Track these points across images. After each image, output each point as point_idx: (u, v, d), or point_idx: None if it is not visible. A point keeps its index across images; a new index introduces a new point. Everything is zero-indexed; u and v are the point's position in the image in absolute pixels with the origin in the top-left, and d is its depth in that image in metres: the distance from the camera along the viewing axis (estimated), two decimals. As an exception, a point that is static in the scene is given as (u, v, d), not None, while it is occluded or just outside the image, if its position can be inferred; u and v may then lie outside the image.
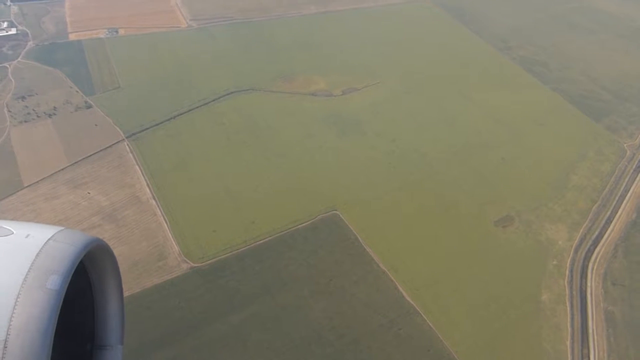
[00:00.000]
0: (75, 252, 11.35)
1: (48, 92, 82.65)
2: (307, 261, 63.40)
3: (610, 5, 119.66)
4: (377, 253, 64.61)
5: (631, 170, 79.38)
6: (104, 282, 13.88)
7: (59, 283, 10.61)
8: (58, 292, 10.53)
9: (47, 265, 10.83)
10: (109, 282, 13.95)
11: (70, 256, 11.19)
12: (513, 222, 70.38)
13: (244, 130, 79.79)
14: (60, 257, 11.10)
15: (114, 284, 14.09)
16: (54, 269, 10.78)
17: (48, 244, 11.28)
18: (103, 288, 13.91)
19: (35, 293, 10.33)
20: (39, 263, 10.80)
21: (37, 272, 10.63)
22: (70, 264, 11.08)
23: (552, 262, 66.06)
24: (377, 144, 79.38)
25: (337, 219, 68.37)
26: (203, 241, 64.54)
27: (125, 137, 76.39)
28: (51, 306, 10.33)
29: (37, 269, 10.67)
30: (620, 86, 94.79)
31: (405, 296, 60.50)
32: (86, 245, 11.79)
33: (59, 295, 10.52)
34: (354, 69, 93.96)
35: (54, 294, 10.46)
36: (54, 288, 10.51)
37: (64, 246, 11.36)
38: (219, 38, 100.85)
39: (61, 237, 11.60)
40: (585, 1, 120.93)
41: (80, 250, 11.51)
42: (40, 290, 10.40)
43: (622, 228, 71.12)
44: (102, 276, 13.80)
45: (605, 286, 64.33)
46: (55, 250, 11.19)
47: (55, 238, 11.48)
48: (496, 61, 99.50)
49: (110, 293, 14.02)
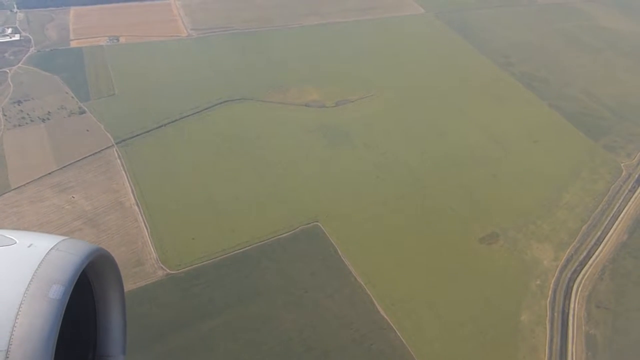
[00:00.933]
0: (78, 261, 11.31)
1: (44, 97, 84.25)
2: (284, 272, 62.96)
3: (617, 23, 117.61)
4: (355, 266, 63.88)
5: (626, 190, 77.38)
6: (106, 292, 13.78)
7: (61, 293, 10.58)
8: (60, 301, 10.49)
9: (50, 274, 10.79)
10: (111, 291, 13.85)
11: (73, 266, 11.14)
12: (498, 240, 68.99)
13: (233, 139, 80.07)
14: (62, 266, 11.06)
15: (116, 294, 13.97)
16: (57, 279, 10.73)
17: (51, 253, 11.23)
18: (105, 298, 13.82)
19: (38, 303, 10.28)
20: (42, 272, 10.75)
21: (39, 281, 10.58)
22: (73, 273, 11.02)
23: (535, 281, 64.49)
24: (366, 156, 78.89)
25: (318, 231, 67.88)
26: (182, 248, 64.60)
27: (114, 143, 77.27)
28: (53, 316, 10.28)
29: (40, 278, 10.63)
30: (621, 105, 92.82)
31: (380, 311, 59.58)
32: (89, 254, 11.70)
33: (61, 305, 10.48)
34: (350, 81, 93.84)
35: (57, 304, 10.41)
36: (57, 298, 10.48)
37: (66, 255, 11.31)
38: (217, 47, 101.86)
39: (64, 247, 11.55)
40: (592, 19, 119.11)
41: (83, 259, 11.44)
42: (43, 300, 10.36)
43: (611, 249, 69.15)
44: (104, 286, 13.70)
45: (589, 309, 62.46)
46: (58, 259, 11.15)
47: (58, 247, 11.43)
48: (495, 76, 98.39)
49: (112, 303, 13.93)
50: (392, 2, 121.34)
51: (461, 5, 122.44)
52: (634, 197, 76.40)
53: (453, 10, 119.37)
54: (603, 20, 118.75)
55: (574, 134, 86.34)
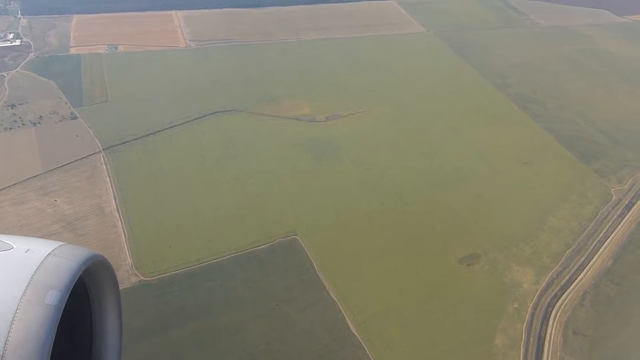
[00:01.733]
0: (74, 267, 11.28)
1: (38, 102, 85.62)
2: (257, 284, 62.55)
3: (619, 47, 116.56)
4: (330, 281, 63.27)
5: (615, 215, 75.99)
6: (102, 298, 13.78)
7: (57, 298, 10.46)
8: (57, 307, 10.35)
9: (46, 280, 10.70)
10: (107, 298, 13.87)
11: (69, 272, 11.09)
12: (479, 261, 67.93)
13: (220, 149, 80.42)
14: (59, 272, 10.97)
15: (112, 301, 14.03)
16: (53, 285, 10.65)
17: (48, 259, 11.17)
18: (102, 304, 13.79)
19: (34, 308, 10.14)
20: (38, 278, 10.66)
21: (36, 287, 10.49)
22: (70, 279, 10.96)
23: (513, 305, 63.25)
24: (351, 171, 78.63)
25: (296, 244, 67.49)
26: (158, 256, 64.61)
27: (102, 149, 78.01)
28: (49, 322, 10.11)
29: (36, 284, 10.54)
30: (617, 130, 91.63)
31: (350, 327, 58.76)
32: (86, 260, 11.74)
33: (57, 310, 10.34)
34: (343, 96, 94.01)
35: (53, 310, 10.27)
36: (53, 303, 10.35)
37: (63, 261, 11.27)
38: (213, 59, 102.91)
39: (61, 252, 11.52)
40: (594, 43, 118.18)
41: (80, 265, 11.44)
42: (39, 305, 10.22)
43: (594, 275, 67.71)
44: (101, 292, 13.72)
45: (566, 335, 60.99)
46: (54, 265, 11.08)
47: (55, 253, 11.40)
48: (490, 96, 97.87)
49: (108, 309, 13.93)
50: (394, 19, 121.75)
51: (462, 25, 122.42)
52: (622, 223, 74.98)
53: (454, 30, 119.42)
54: (605, 44, 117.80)
55: (565, 157, 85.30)
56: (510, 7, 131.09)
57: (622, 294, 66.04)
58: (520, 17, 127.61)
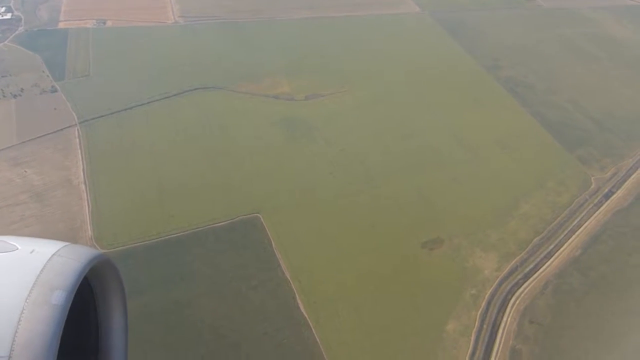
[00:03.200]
0: (79, 267, 11.34)
1: (21, 75, 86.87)
2: (213, 260, 62.90)
3: (627, 33, 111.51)
4: (286, 261, 63.21)
5: (591, 205, 73.77)
6: (108, 298, 13.91)
7: (63, 298, 10.58)
8: (62, 307, 10.49)
9: (52, 280, 10.82)
10: (113, 297, 13.98)
11: (74, 271, 11.18)
12: (442, 246, 66.93)
13: (195, 126, 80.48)
14: (64, 272, 11.08)
15: (118, 300, 14.10)
16: (59, 285, 10.76)
17: (52, 259, 11.28)
18: (107, 303, 13.93)
19: (40, 309, 10.28)
20: (44, 278, 10.79)
21: (41, 287, 10.60)
22: (75, 279, 11.07)
23: (470, 291, 62.28)
24: (324, 151, 77.87)
25: (257, 222, 67.47)
26: (119, 229, 65.38)
27: (78, 122, 78.85)
28: (55, 322, 10.25)
29: (42, 284, 10.65)
30: (607, 117, 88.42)
31: (300, 307, 58.79)
32: (91, 260, 11.79)
33: (63, 310, 10.48)
34: (325, 75, 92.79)
35: (59, 310, 10.40)
36: (59, 303, 10.46)
37: (68, 261, 11.37)
38: (199, 36, 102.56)
39: (66, 252, 11.62)
40: (598, 27, 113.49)
41: (85, 265, 11.51)
42: (45, 305, 10.35)
43: (560, 264, 66.08)
44: (106, 291, 13.85)
45: (521, 323, 59.89)
46: (60, 265, 11.18)
47: (59, 253, 11.50)
48: (478, 79, 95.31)
49: (114, 308, 14.02)
50: None
51: (460, 6, 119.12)
52: (597, 213, 72.80)
53: (450, 11, 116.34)
54: (610, 28, 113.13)
55: (548, 143, 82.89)
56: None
57: (586, 284, 64.34)
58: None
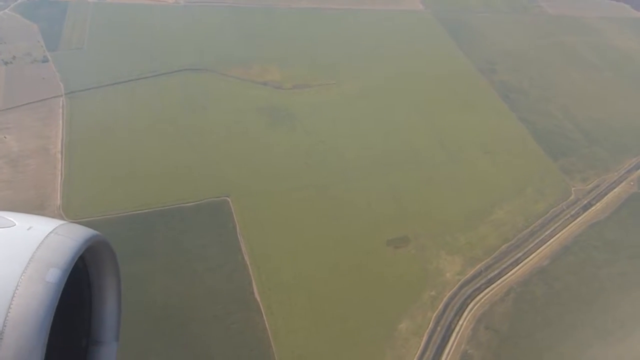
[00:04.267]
0: (76, 246, 11.34)
1: (15, 43, 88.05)
2: (175, 239, 63.30)
3: (631, 45, 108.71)
4: (248, 246, 63.37)
5: (567, 215, 72.52)
6: (102, 278, 13.86)
7: (58, 276, 10.54)
8: (57, 285, 10.45)
9: (48, 258, 10.80)
10: (108, 278, 13.94)
11: (71, 250, 11.17)
12: (407, 245, 66.42)
13: (177, 106, 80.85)
14: (61, 250, 11.08)
15: (112, 281, 14.06)
16: (54, 262, 10.72)
17: (49, 237, 11.29)
18: (101, 284, 13.87)
19: (34, 285, 10.24)
20: (40, 255, 10.77)
21: (37, 264, 10.57)
22: (71, 257, 11.04)
23: (429, 292, 61.80)
24: (302, 141, 77.68)
25: (225, 206, 67.67)
26: (87, 201, 66.13)
27: (64, 93, 79.69)
28: (49, 299, 10.21)
29: (38, 261, 10.63)
30: (598, 128, 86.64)
31: (255, 293, 58.96)
32: (87, 239, 11.78)
33: (57, 288, 10.43)
34: (317, 67, 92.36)
35: (53, 287, 10.36)
36: (53, 281, 10.42)
37: (65, 240, 11.37)
38: (197, 18, 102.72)
39: (63, 231, 11.64)
40: (603, 36, 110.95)
41: (82, 244, 11.50)
42: (40, 283, 10.31)
43: (525, 273, 65.20)
44: (101, 272, 13.79)
45: (477, 328, 59.34)
46: (56, 243, 11.19)
47: (57, 231, 11.52)
48: (471, 82, 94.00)
49: (108, 289, 13.97)
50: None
51: (465, 7, 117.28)
52: (572, 224, 71.55)
53: (454, 11, 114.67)
54: (615, 39, 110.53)
55: (533, 150, 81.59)
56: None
57: (549, 294, 63.41)
58: (529, 4, 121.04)
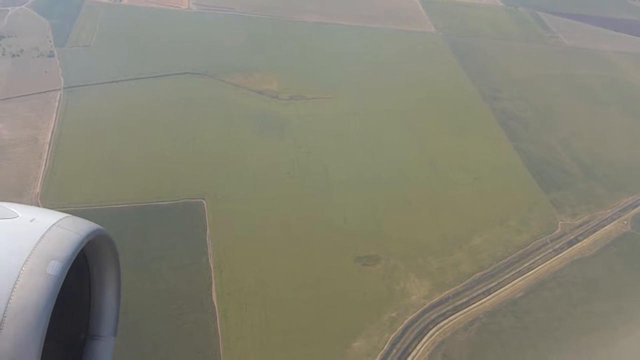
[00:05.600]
0: (78, 239, 11.39)
1: (26, 37, 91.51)
2: (144, 236, 63.70)
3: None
4: (215, 249, 63.33)
5: (550, 250, 70.00)
6: (102, 273, 13.88)
7: (59, 269, 10.55)
8: (57, 278, 10.48)
9: (49, 250, 10.85)
10: (108, 273, 13.98)
11: (72, 243, 11.22)
12: (377, 264, 65.15)
13: (171, 108, 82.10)
14: (62, 243, 11.13)
15: (112, 276, 14.12)
16: (55, 255, 10.76)
17: (52, 229, 11.34)
18: (101, 278, 13.90)
19: (35, 277, 10.29)
20: (41, 248, 10.83)
21: (38, 256, 10.61)
22: (72, 251, 11.09)
23: (390, 313, 60.26)
24: (289, 151, 77.65)
25: (199, 208, 67.92)
26: (66, 191, 67.48)
27: (63, 87, 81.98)
28: (49, 292, 10.23)
29: (39, 253, 10.69)
30: (597, 164, 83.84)
31: (213, 296, 58.71)
32: (89, 233, 11.80)
33: (58, 281, 10.47)
34: (316, 80, 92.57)
35: (54, 280, 10.39)
36: (54, 274, 10.43)
37: (67, 233, 11.43)
38: (208, 24, 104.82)
39: (65, 224, 11.69)
40: (618, 72, 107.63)
41: (83, 238, 11.53)
42: (40, 275, 10.34)
43: (495, 304, 63.01)
44: (101, 266, 13.83)
45: (433, 355, 57.42)
46: (58, 236, 11.26)
47: (59, 224, 11.57)
48: (471, 107, 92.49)
49: (108, 284, 14.04)
50: (407, 15, 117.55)
51: (478, 32, 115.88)
52: (553, 259, 68.94)
53: (466, 35, 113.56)
54: (629, 75, 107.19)
55: (525, 180, 79.46)
56: (540, 22, 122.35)
57: (517, 327, 61.04)
58: (545, 34, 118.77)
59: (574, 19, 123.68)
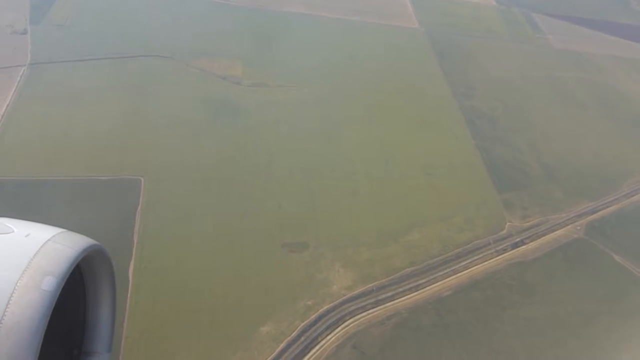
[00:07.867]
0: (73, 255, 11.74)
1: (2, 14, 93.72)
2: (72, 209, 63.53)
3: (632, 85, 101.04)
4: (143, 226, 63.07)
5: (491, 250, 67.48)
6: (97, 288, 14.48)
7: (53, 285, 10.73)
8: (52, 293, 10.62)
9: (44, 266, 11.00)
10: (103, 288, 14.61)
11: (67, 259, 11.49)
12: (303, 251, 63.88)
13: (129, 88, 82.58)
14: (57, 258, 11.34)
15: (107, 291, 14.75)
16: (50, 271, 10.92)
17: (47, 244, 11.62)
18: (96, 293, 14.45)
19: (30, 293, 10.37)
20: (36, 263, 10.98)
21: (33, 272, 10.74)
22: (67, 266, 11.32)
23: (306, 301, 58.87)
24: (239, 135, 77.21)
25: (136, 185, 67.73)
26: (9, 162, 68.29)
27: (28, 63, 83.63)
28: (44, 308, 10.32)
29: (34, 269, 10.82)
30: (561, 166, 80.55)
31: (129, 271, 58.50)
32: (85, 249, 12.39)
33: (52, 296, 10.61)
34: (283, 69, 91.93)
35: (48, 296, 10.52)
36: (49, 289, 10.58)
37: (62, 248, 11.76)
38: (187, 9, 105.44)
39: (60, 239, 12.15)
40: (604, 75, 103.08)
41: (79, 253, 11.97)
42: (35, 290, 10.45)
43: (419, 300, 60.99)
44: (96, 281, 14.48)
45: (343, 345, 55.88)
46: (53, 251, 11.52)
47: (54, 239, 11.96)
48: (440, 104, 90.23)
49: (103, 299, 14.56)
50: (391, 10, 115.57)
51: (464, 30, 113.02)
52: (493, 260, 66.37)
53: (450, 33, 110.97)
54: (615, 80, 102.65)
55: (480, 180, 76.99)
56: (531, 23, 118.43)
57: (436, 325, 58.83)
58: (534, 35, 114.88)
59: (568, 22, 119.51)
